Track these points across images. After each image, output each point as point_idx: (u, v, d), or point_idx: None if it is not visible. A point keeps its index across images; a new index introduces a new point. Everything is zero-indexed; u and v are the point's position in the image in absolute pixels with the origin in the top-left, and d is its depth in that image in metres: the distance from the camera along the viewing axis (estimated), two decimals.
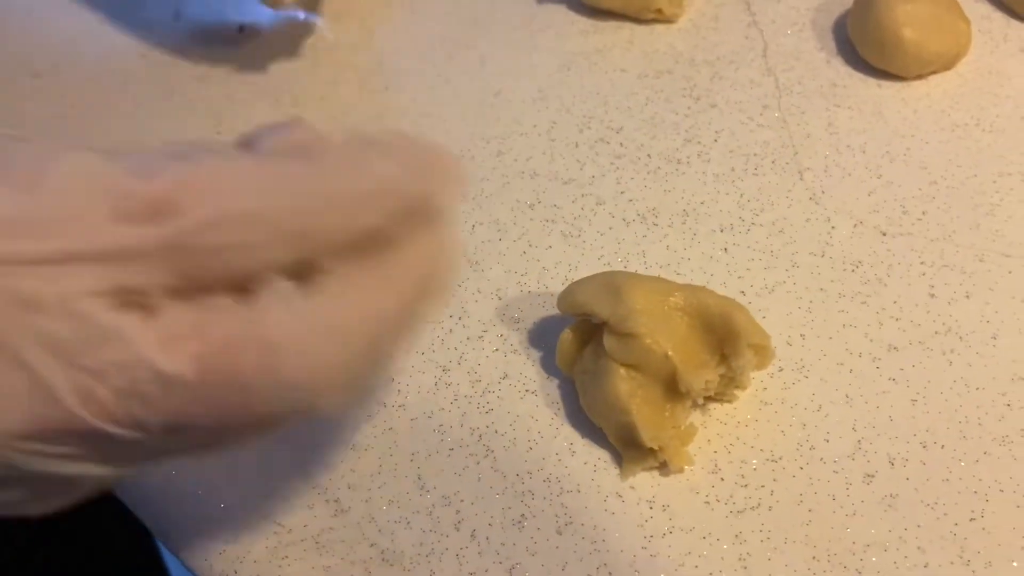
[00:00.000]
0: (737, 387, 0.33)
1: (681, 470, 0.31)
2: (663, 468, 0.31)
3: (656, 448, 0.30)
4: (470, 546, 0.30)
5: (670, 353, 0.30)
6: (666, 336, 0.29)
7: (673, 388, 0.29)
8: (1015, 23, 0.44)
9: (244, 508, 0.31)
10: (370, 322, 0.20)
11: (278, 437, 0.32)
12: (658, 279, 0.32)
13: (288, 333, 0.19)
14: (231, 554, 0.30)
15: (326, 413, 0.20)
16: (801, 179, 0.39)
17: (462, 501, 0.31)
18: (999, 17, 0.44)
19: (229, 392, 0.19)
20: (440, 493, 0.31)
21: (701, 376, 0.30)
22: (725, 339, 0.31)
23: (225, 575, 0.30)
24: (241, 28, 0.46)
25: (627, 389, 0.28)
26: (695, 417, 0.32)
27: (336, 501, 0.31)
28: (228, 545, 0.30)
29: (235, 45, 0.46)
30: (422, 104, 0.43)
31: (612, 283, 0.31)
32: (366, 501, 0.31)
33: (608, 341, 0.30)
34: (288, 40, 0.46)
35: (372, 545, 0.30)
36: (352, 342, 0.20)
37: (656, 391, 0.30)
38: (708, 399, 0.32)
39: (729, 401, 0.33)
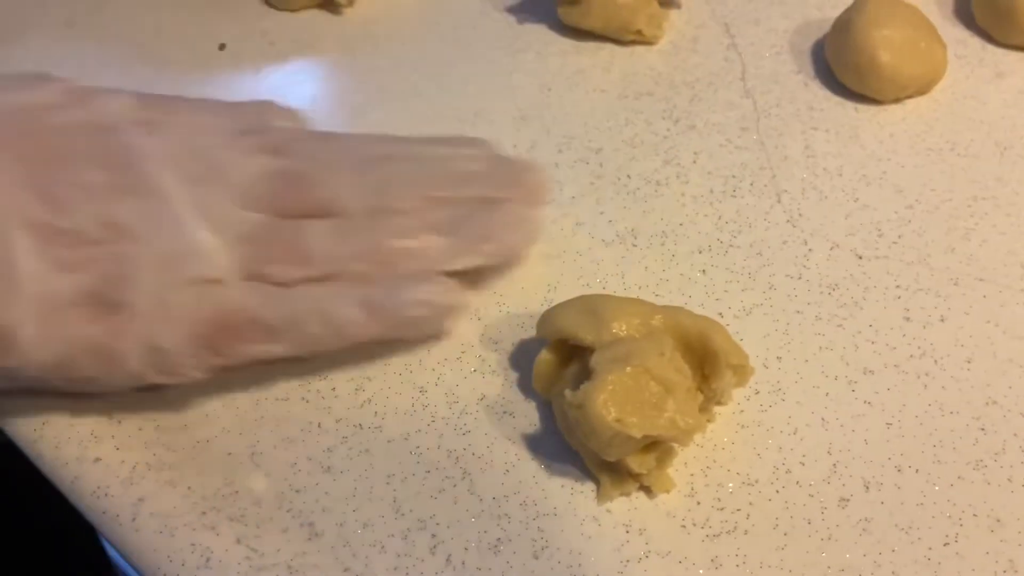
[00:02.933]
0: (717, 404, 0.33)
1: (667, 491, 0.31)
2: (641, 492, 0.31)
3: (641, 472, 0.30)
4: (446, 571, 0.30)
5: (660, 379, 0.29)
6: (654, 362, 0.29)
7: (658, 412, 0.29)
8: (991, 48, 0.45)
9: (215, 532, 0.30)
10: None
11: (250, 458, 0.32)
12: (638, 301, 0.32)
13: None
14: None
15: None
16: (779, 201, 0.39)
17: (438, 525, 0.31)
18: (975, 42, 0.45)
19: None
20: (416, 516, 0.31)
21: (692, 412, 0.30)
22: (704, 359, 0.31)
23: None
24: (222, 46, 0.46)
25: (613, 415, 0.28)
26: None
27: (310, 525, 0.31)
28: (199, 571, 0.29)
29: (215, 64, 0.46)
30: (401, 123, 0.43)
31: (593, 307, 0.31)
32: (340, 525, 0.31)
33: (596, 366, 0.30)
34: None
35: (346, 570, 0.30)
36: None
37: (641, 416, 0.30)
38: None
39: (709, 420, 0.33)
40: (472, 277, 0.34)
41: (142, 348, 0.28)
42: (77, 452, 0.32)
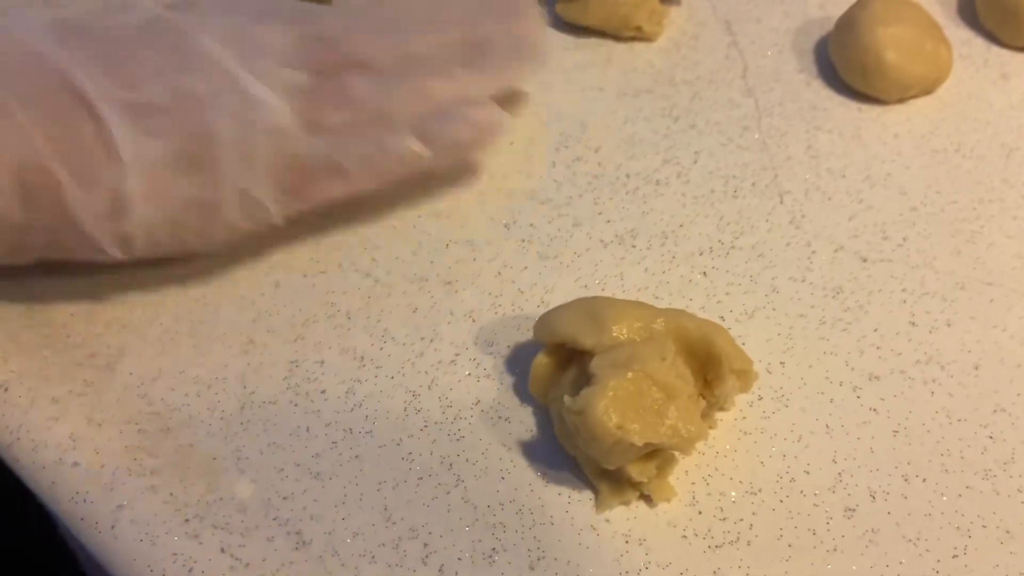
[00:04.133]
0: (720, 409, 0.32)
1: (668, 500, 0.30)
2: (641, 501, 0.30)
3: (641, 481, 0.29)
4: None
5: (662, 385, 0.28)
6: (655, 367, 0.28)
7: (660, 419, 0.28)
8: (995, 48, 0.44)
9: (198, 541, 0.29)
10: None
11: (235, 463, 0.31)
12: (638, 304, 0.31)
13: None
14: None
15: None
16: (781, 202, 0.38)
17: (430, 533, 0.30)
18: (979, 42, 0.44)
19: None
20: (407, 525, 0.30)
21: (695, 419, 0.29)
22: (707, 364, 0.30)
23: None
24: None
25: (615, 422, 0.27)
26: None
27: (297, 533, 0.30)
28: None
29: None
30: None
31: (592, 310, 0.30)
32: (329, 533, 0.30)
33: (597, 371, 0.29)
34: None
35: None
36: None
37: (643, 423, 0.29)
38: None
39: (711, 427, 0.32)
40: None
41: (235, 196, 0.31)
42: (55, 456, 0.31)
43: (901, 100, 0.42)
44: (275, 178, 0.32)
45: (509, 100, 0.39)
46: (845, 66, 0.42)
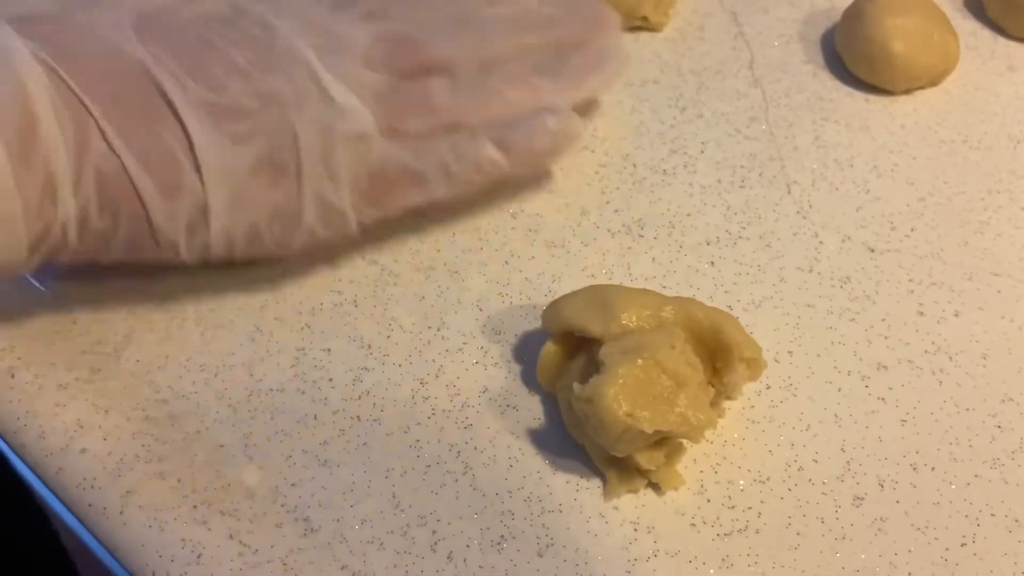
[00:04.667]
0: (728, 398, 0.32)
1: (676, 489, 0.30)
2: (649, 489, 0.30)
3: (650, 469, 0.29)
4: (447, 568, 0.29)
5: (672, 373, 0.28)
6: (665, 355, 0.28)
7: (669, 407, 0.28)
8: (1002, 40, 0.44)
9: (207, 527, 0.29)
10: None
11: (243, 450, 0.31)
12: (647, 292, 0.31)
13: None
14: None
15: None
16: (789, 192, 0.38)
17: (439, 521, 0.30)
18: (986, 34, 0.44)
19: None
20: (416, 512, 0.30)
21: (704, 407, 0.29)
22: (716, 352, 0.30)
23: None
24: None
25: (624, 409, 0.27)
26: None
27: (306, 520, 0.29)
28: (190, 567, 0.28)
29: None
30: None
31: (601, 298, 0.30)
32: (337, 520, 0.29)
33: (606, 359, 0.28)
34: None
35: (343, 567, 0.29)
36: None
37: (652, 411, 0.29)
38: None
39: (720, 415, 0.32)
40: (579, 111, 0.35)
41: (315, 205, 0.31)
42: (62, 442, 0.31)
43: (908, 91, 0.42)
44: (356, 186, 0.31)
45: (587, 108, 0.38)
46: (852, 57, 0.42)
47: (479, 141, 0.33)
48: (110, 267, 0.32)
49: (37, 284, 0.34)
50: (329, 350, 0.33)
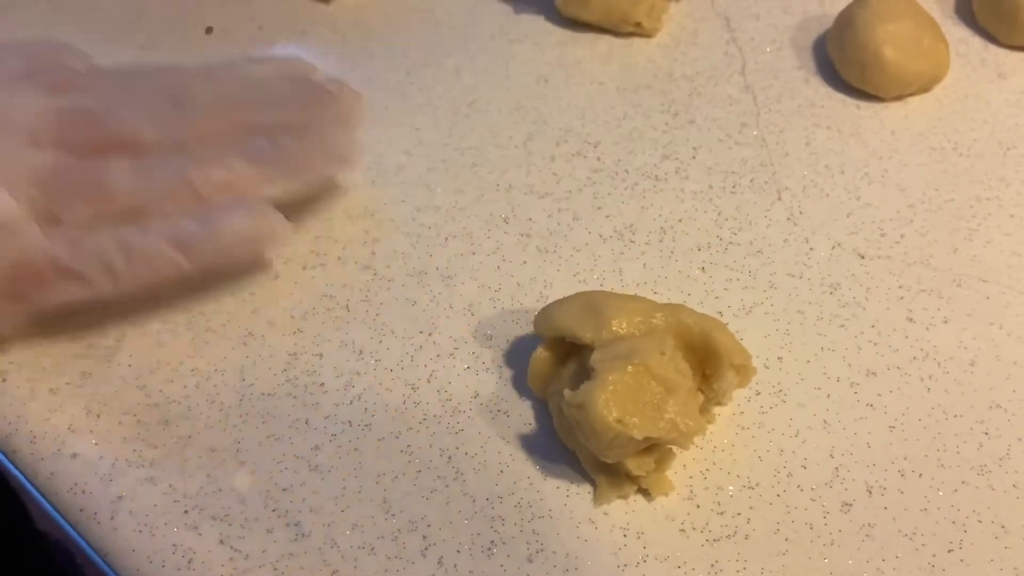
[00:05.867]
0: (718, 404, 0.32)
1: (666, 494, 0.30)
2: (639, 494, 0.30)
3: (639, 474, 0.29)
4: (437, 573, 0.29)
5: (661, 379, 0.29)
6: (655, 361, 0.28)
7: (659, 413, 0.28)
8: (992, 47, 0.44)
9: (197, 532, 0.29)
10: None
11: (234, 455, 0.31)
12: (638, 298, 0.31)
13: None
14: None
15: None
16: (779, 199, 0.38)
17: (429, 526, 0.30)
18: (976, 41, 0.44)
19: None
20: (406, 517, 0.30)
21: (693, 414, 0.29)
22: (706, 359, 0.31)
23: None
24: (208, 30, 0.45)
25: (615, 415, 0.27)
26: None
27: (296, 525, 0.30)
28: (180, 572, 0.28)
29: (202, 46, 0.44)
30: (394, 112, 0.41)
31: (592, 304, 0.30)
32: (328, 525, 0.30)
33: (597, 365, 0.29)
34: None
35: (334, 572, 0.29)
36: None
37: (642, 417, 0.29)
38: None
39: (709, 422, 0.32)
40: (294, 207, 0.32)
41: None
42: (53, 447, 0.31)
43: (899, 98, 0.42)
44: None
45: (315, 197, 0.34)
46: (844, 63, 0.42)
47: (150, 235, 0.29)
48: None
49: None
50: (321, 355, 0.33)
